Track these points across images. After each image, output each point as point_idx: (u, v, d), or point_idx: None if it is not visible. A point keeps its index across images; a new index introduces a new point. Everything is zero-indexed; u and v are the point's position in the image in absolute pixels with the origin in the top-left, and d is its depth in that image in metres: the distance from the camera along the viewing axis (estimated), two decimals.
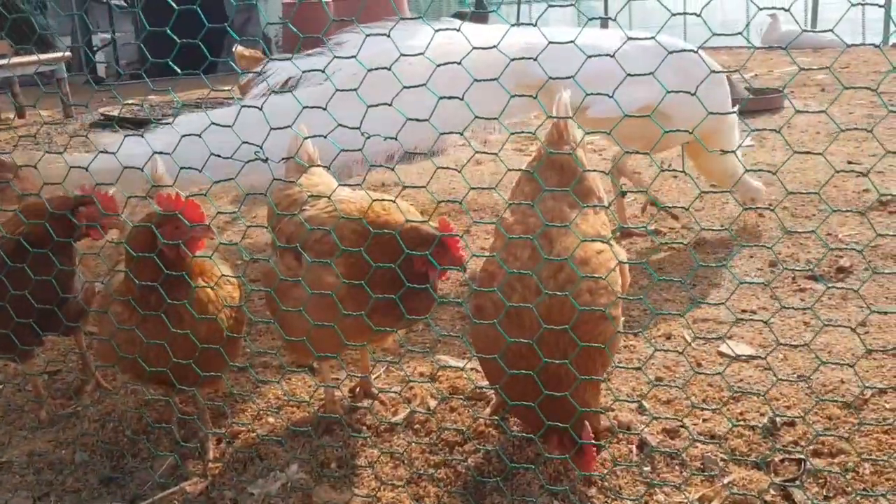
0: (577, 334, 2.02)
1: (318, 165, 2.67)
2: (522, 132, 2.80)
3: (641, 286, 3.61)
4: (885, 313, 3.19)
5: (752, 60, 10.86)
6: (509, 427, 2.51)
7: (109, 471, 2.50)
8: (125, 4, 15.25)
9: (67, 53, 10.36)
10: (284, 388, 2.89)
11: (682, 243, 4.02)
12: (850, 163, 5.43)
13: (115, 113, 9.12)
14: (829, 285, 3.50)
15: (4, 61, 7.41)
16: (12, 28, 9.28)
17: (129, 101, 10.02)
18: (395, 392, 2.79)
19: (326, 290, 2.18)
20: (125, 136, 2.93)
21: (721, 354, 2.97)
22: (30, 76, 9.11)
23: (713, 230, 4.41)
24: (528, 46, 3.19)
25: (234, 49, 8.81)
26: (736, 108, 4.14)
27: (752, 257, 3.98)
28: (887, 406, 2.54)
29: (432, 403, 2.75)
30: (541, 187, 2.30)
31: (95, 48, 14.58)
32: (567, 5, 1.90)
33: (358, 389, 2.84)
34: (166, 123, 3.85)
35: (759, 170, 1.58)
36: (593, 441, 2.07)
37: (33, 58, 9.21)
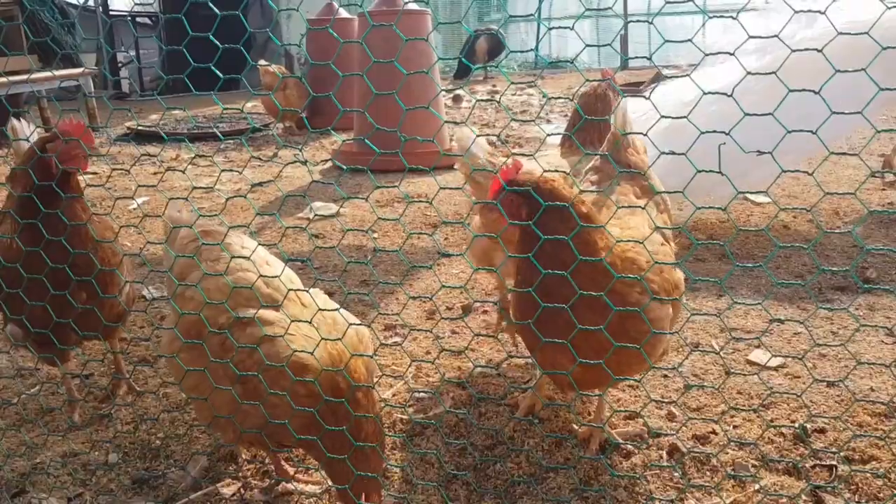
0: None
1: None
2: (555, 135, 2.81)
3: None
4: None
5: None
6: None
7: (143, 471, 2.52)
8: (150, 22, 15.51)
9: (93, 68, 10.55)
10: None
11: None
12: (873, 175, 5.42)
13: (139, 126, 9.29)
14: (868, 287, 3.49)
15: (31, 76, 7.56)
16: (38, 46, 9.46)
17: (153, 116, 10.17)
18: (425, 394, 2.81)
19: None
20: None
21: (750, 363, 2.97)
22: (57, 90, 9.25)
23: (749, 230, 4.40)
24: None
25: (258, 64, 8.95)
26: None
27: (778, 268, 3.98)
28: None
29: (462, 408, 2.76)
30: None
31: (120, 65, 14.82)
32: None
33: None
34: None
35: (797, 170, 1.60)
36: None
37: (60, 72, 9.38)
